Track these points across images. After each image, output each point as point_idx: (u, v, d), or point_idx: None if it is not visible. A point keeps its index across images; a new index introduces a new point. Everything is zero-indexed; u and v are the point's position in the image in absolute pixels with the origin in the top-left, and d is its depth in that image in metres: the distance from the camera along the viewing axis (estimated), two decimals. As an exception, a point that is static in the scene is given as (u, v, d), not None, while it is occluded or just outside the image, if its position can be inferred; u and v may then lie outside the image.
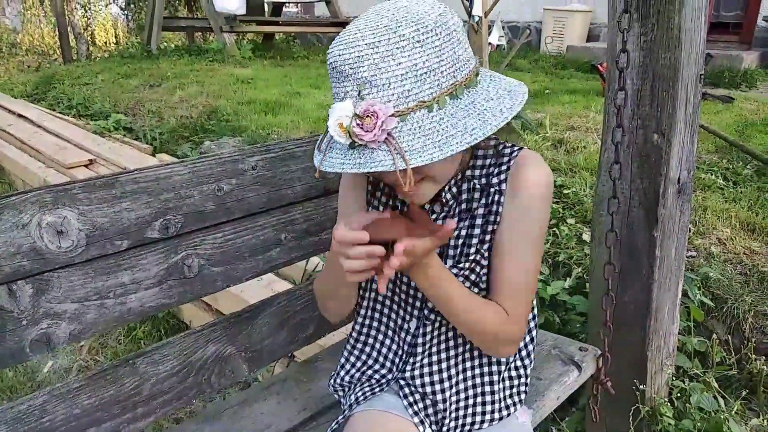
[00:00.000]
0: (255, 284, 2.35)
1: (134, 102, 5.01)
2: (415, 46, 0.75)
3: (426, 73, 0.76)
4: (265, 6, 7.94)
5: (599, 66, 4.47)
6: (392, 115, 0.75)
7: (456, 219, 0.94)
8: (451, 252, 0.95)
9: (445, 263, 0.94)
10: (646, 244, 1.46)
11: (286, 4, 8.77)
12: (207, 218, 1.08)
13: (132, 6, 10.69)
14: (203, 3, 6.71)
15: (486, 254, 0.93)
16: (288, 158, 1.19)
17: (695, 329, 1.91)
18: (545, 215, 0.93)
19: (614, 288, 1.34)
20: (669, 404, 1.63)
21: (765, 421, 1.60)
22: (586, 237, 2.40)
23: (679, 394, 1.66)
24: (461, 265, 0.93)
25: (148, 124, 4.57)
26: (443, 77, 0.77)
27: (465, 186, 0.95)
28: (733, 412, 1.62)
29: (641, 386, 1.54)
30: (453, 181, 0.94)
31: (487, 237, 0.92)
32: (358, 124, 0.75)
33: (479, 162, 0.95)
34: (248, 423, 1.11)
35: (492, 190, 0.93)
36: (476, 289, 0.94)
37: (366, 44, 0.75)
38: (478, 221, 0.93)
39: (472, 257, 0.93)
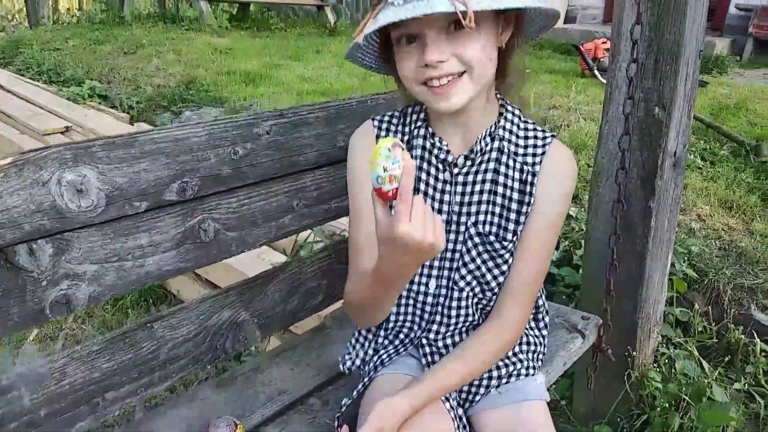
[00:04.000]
0: (246, 254, 2.34)
1: (108, 69, 4.85)
2: None
3: None
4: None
5: (580, 46, 4.52)
6: None
7: (476, 185, 0.96)
8: (488, 224, 0.94)
9: (487, 238, 0.94)
10: (641, 214, 1.50)
11: (262, -26, 8.53)
12: (223, 182, 1.07)
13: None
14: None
15: (518, 234, 0.94)
16: (301, 124, 1.18)
17: (677, 300, 1.99)
18: (567, 206, 0.97)
19: (612, 257, 1.39)
20: (656, 369, 1.70)
21: (746, 385, 1.69)
22: (572, 212, 2.45)
23: (665, 361, 1.74)
24: (504, 243, 0.94)
25: (124, 92, 4.44)
26: None
27: (496, 144, 0.95)
28: (714, 378, 1.71)
29: (633, 352, 1.60)
30: (483, 133, 0.94)
31: (522, 219, 0.94)
32: None
33: (507, 125, 0.96)
34: (263, 389, 1.12)
35: (526, 168, 0.94)
36: (500, 277, 0.96)
37: None
38: (515, 196, 0.94)
39: (510, 239, 0.94)
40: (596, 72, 4.59)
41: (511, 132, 0.96)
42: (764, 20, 5.92)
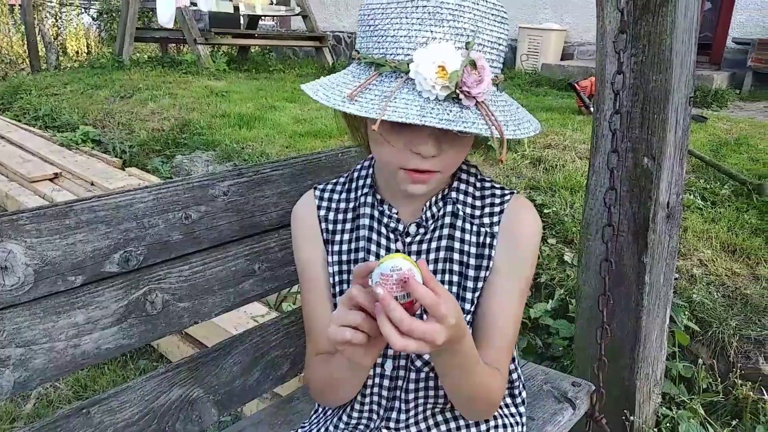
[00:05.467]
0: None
1: (104, 114, 4.85)
2: (501, 21, 0.74)
3: (502, 51, 0.75)
4: (241, 18, 7.85)
5: (576, 84, 4.49)
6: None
7: (433, 246, 0.87)
8: None
9: None
10: (634, 270, 1.41)
11: (262, 17, 8.69)
12: (173, 249, 0.99)
13: (104, 16, 10.48)
14: (178, 15, 6.59)
15: (476, 301, 0.86)
16: (262, 183, 1.11)
17: (680, 354, 1.87)
18: (534, 264, 0.90)
19: (602, 320, 1.29)
20: (658, 435, 1.58)
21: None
22: (567, 257, 2.36)
23: (668, 424, 1.62)
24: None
25: (118, 136, 4.42)
26: (502, 63, 0.77)
27: (449, 208, 0.88)
28: (722, 442, 1.59)
29: (631, 417, 1.48)
30: (434, 199, 0.87)
31: (480, 284, 0.86)
32: (468, 74, 0.68)
33: (462, 186, 0.89)
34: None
35: (483, 230, 0.87)
36: None
37: None
38: (472, 261, 0.86)
39: (468, 306, 0.85)
40: (592, 109, 4.55)
41: (466, 193, 0.89)
42: (762, 53, 5.91)
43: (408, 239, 0.87)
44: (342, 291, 0.91)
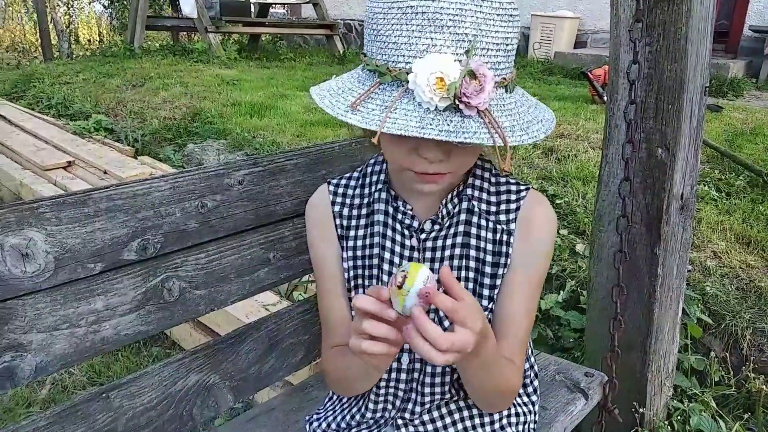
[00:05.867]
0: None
1: (116, 102, 4.88)
2: (509, 20, 0.71)
3: (511, 50, 0.73)
4: (252, 7, 7.84)
5: (589, 73, 4.45)
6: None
7: (450, 245, 0.87)
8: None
9: None
10: (647, 261, 1.41)
11: (273, 5, 8.66)
12: (189, 237, 1.00)
13: (116, 4, 10.50)
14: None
15: (495, 298, 0.86)
16: (277, 172, 1.12)
17: (692, 346, 1.87)
18: (549, 259, 0.90)
19: (615, 311, 1.29)
20: (668, 426, 1.58)
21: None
22: (579, 248, 2.35)
23: (679, 416, 1.62)
24: None
25: (130, 125, 4.45)
26: (512, 62, 0.74)
27: (464, 205, 0.87)
28: (733, 434, 1.59)
29: (641, 409, 1.49)
30: (449, 196, 0.86)
31: (498, 281, 0.86)
32: (467, 84, 0.67)
33: (477, 182, 0.88)
34: (232, 458, 1.03)
35: (499, 227, 0.86)
36: None
37: None
38: (488, 258, 0.86)
39: (485, 303, 0.86)
40: (606, 98, 4.51)
41: (481, 189, 0.88)
42: (780, 42, 5.81)
43: (423, 236, 0.87)
44: (357, 286, 0.92)
